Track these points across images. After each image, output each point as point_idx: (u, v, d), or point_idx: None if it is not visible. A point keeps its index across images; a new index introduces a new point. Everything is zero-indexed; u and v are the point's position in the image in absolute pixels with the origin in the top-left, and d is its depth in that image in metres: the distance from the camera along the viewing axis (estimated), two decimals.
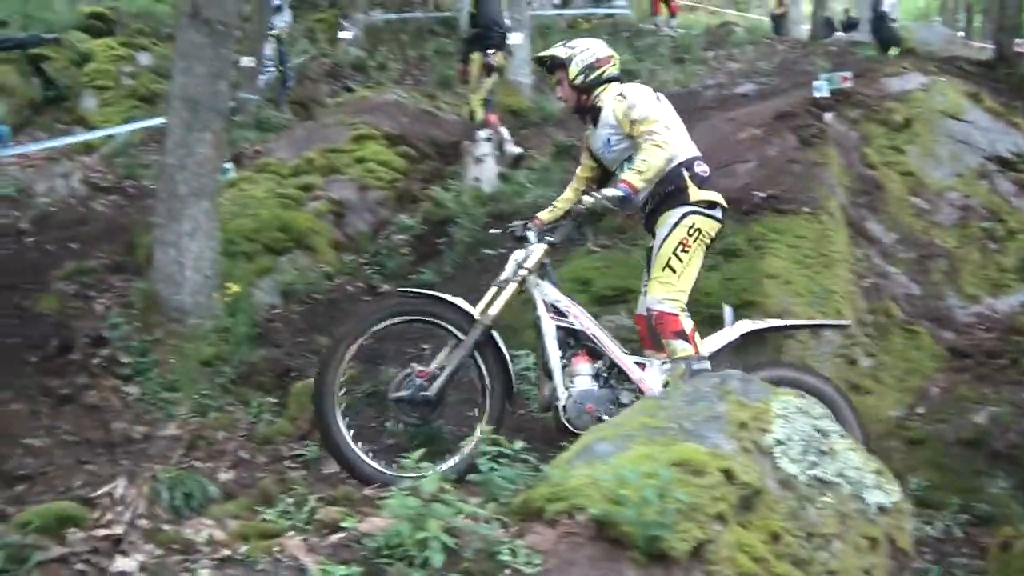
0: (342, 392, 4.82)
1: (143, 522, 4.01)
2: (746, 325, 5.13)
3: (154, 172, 11.47)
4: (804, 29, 23.08)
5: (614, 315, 6.31)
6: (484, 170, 9.59)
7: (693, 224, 4.97)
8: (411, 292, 5.54)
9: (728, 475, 3.25)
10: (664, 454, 3.30)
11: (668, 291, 4.94)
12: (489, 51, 9.96)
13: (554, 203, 5.61)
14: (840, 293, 6.67)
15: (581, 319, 5.07)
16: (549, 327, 5.03)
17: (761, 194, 7.20)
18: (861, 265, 7.22)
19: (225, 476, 4.88)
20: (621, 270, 6.63)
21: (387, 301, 5.61)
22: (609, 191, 4.93)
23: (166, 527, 3.95)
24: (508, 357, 5.01)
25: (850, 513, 3.43)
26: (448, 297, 5.03)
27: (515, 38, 10.88)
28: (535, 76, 13.79)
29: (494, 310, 4.94)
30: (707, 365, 4.80)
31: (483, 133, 9.74)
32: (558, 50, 5.43)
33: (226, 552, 3.64)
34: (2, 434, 5.27)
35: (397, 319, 5.00)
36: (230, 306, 6.59)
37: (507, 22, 10.34)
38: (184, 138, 6.59)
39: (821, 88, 8.49)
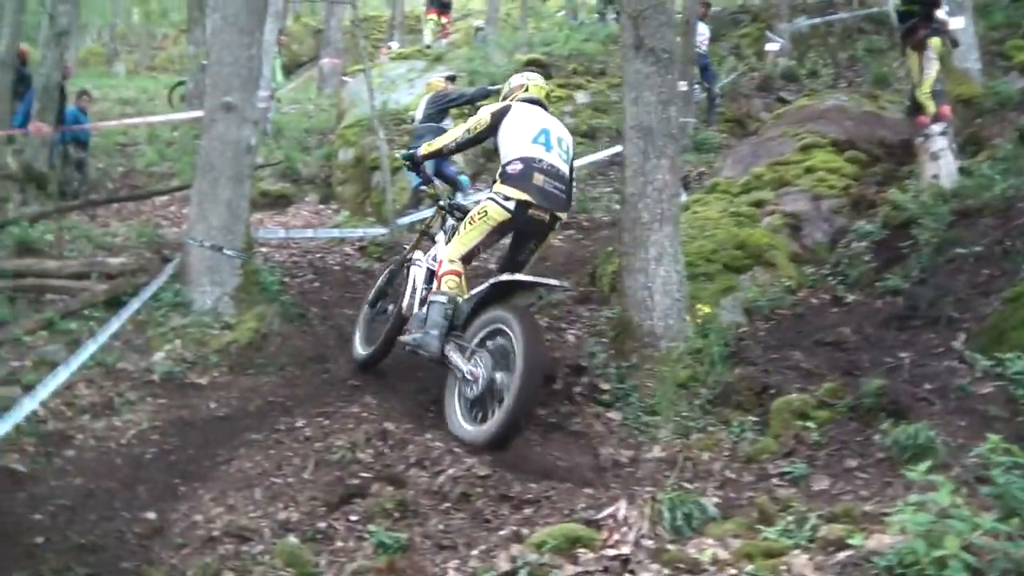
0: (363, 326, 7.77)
1: (647, 542, 4.21)
2: (501, 278, 6.37)
3: (603, 204, 12.04)
4: None
5: None
6: (942, 166, 9.08)
7: (484, 208, 6.51)
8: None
9: None
10: None
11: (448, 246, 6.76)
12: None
13: None
14: None
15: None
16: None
17: None
18: None
19: (714, 496, 4.98)
20: None
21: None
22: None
23: (670, 547, 4.11)
24: (413, 282, 7.12)
25: None
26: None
27: (956, 22, 10.22)
28: (984, 60, 12.86)
29: (408, 252, 7.64)
30: (440, 299, 6.43)
31: (937, 127, 9.21)
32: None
33: (732, 571, 3.74)
34: (502, 461, 5.74)
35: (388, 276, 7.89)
36: (700, 327, 6.74)
37: (944, 8, 9.70)
38: (641, 166, 6.87)
39: None
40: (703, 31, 15.56)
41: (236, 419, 6.58)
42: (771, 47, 17.36)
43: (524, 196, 6.32)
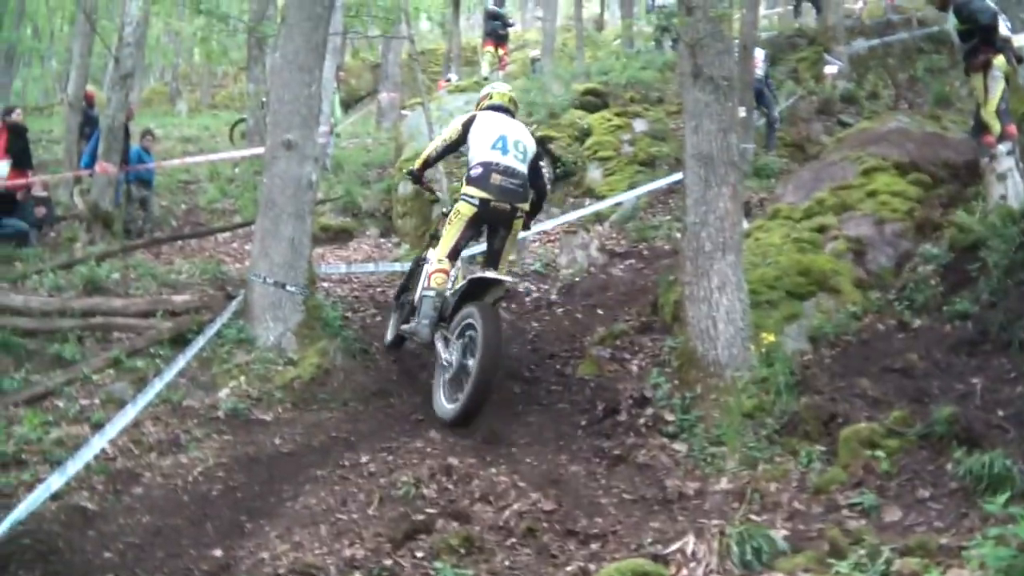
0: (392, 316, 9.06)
1: None
2: (475, 275, 7.79)
3: (663, 232, 11.99)
4: None
5: None
6: (1010, 187, 8.91)
7: (457, 208, 7.92)
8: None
9: None
10: None
11: (436, 248, 8.14)
12: None
13: None
14: None
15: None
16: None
17: None
18: None
19: (783, 529, 4.91)
20: None
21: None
22: None
23: None
24: (422, 275, 8.28)
25: None
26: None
27: (1020, 39, 10.03)
28: None
29: (422, 252, 8.96)
30: (430, 294, 7.82)
31: (1003, 147, 9.02)
32: None
33: None
34: (568, 495, 5.73)
35: (409, 273, 9.16)
36: (765, 356, 6.68)
37: (1007, 24, 9.52)
38: (703, 195, 6.86)
39: None
40: (759, 55, 15.44)
41: (301, 455, 6.63)
42: (829, 70, 17.20)
43: (484, 195, 7.75)
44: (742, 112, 12.75)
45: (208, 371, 7.83)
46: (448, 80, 22.91)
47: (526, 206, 8.06)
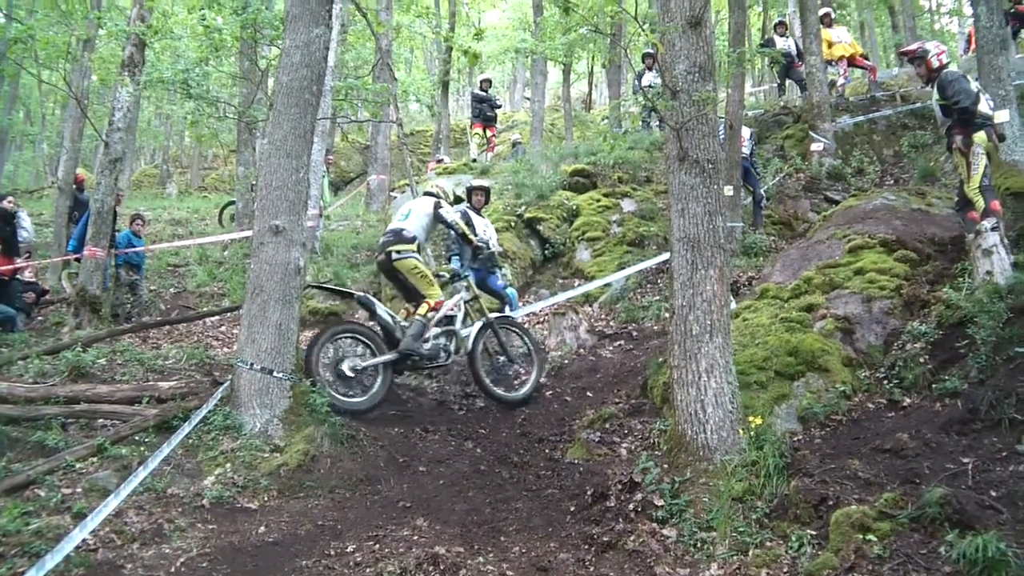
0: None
1: None
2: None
3: (652, 313, 12.01)
4: None
5: None
6: (995, 262, 8.98)
7: None
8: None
9: None
10: None
11: None
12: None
13: None
14: None
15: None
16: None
17: None
18: None
19: None
20: None
21: None
22: None
23: None
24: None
25: None
26: None
27: (1001, 115, 10.16)
28: None
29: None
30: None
31: (988, 223, 9.12)
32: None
33: None
34: None
35: None
36: (754, 438, 6.65)
37: (989, 102, 9.66)
38: (690, 278, 6.90)
39: None
40: (745, 134, 15.62)
41: (286, 544, 6.55)
42: (816, 147, 17.42)
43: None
44: (729, 191, 12.88)
45: (194, 458, 7.76)
46: (438, 161, 23.11)
47: (399, 247, 10.08)
